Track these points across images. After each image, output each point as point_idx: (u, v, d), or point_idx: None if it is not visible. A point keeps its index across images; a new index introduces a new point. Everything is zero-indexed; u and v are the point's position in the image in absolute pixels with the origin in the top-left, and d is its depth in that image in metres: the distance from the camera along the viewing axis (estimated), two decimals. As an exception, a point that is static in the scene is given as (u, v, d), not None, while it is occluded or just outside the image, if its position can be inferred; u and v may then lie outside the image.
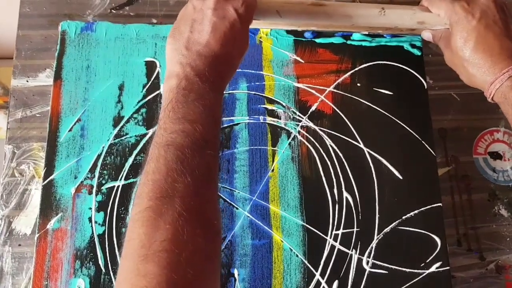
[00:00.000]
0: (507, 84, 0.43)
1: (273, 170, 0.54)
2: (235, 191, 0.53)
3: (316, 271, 0.51)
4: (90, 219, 0.50)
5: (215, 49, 0.40)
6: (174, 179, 0.33)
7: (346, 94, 0.57)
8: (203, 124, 0.37)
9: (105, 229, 0.50)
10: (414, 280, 0.51)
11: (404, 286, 0.51)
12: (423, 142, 0.55)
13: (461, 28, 0.46)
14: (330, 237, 0.52)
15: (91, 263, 0.49)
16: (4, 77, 1.17)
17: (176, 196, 0.33)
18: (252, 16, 0.44)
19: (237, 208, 0.53)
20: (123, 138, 0.53)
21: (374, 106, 0.57)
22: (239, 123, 0.56)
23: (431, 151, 0.55)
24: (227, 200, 0.53)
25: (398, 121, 0.56)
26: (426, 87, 0.57)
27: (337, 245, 0.52)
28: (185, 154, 0.35)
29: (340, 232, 0.52)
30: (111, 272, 0.49)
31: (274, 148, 0.55)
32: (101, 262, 0.49)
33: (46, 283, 0.48)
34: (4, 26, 1.01)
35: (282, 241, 0.51)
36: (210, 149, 0.37)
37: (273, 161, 0.55)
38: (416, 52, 0.59)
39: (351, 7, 0.50)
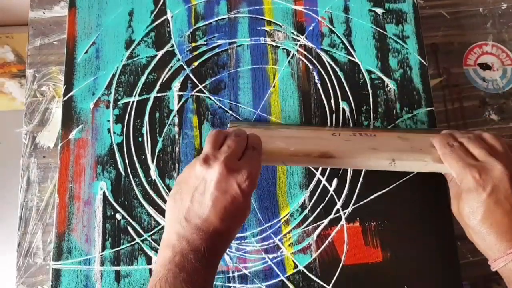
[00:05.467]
0: (511, 266, 0.40)
1: (274, 86, 0.58)
2: (240, 106, 0.57)
3: (317, 171, 0.55)
4: (108, 130, 0.55)
5: (215, 223, 0.39)
6: None
7: (342, 14, 0.61)
8: None
9: (123, 139, 0.55)
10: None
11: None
12: (414, 54, 0.59)
13: (471, 198, 0.42)
14: (329, 142, 0.56)
15: (111, 167, 0.54)
16: (18, 45, 1.21)
17: None
18: (255, 188, 0.42)
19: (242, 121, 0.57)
20: (135, 59, 0.58)
21: (369, 24, 0.60)
22: (242, 45, 0.60)
23: (422, 60, 0.59)
24: (234, 115, 0.57)
25: (392, 37, 0.60)
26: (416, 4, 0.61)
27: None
28: None
29: (338, 137, 0.56)
30: (130, 175, 0.54)
31: (275, 67, 0.59)
32: (120, 167, 0.54)
33: (70, 185, 0.53)
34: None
35: (285, 146, 0.56)
36: None
37: (274, 78, 0.59)
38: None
39: (361, 159, 0.47)
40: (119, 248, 0.51)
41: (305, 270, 0.51)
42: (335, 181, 0.55)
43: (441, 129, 0.52)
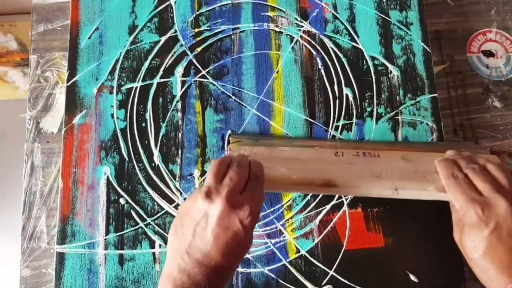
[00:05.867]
0: None
1: (277, 72, 0.58)
2: (243, 91, 0.57)
3: (320, 156, 0.55)
4: (112, 115, 0.55)
5: (216, 259, 0.39)
6: None
7: (346, 0, 0.60)
8: None
9: (126, 124, 0.55)
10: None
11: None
12: (418, 41, 0.59)
13: (473, 233, 0.42)
14: (332, 128, 0.56)
15: (115, 153, 0.54)
16: (21, 33, 1.20)
17: None
18: (257, 222, 0.42)
19: (245, 107, 0.57)
20: (138, 44, 0.58)
21: (373, 11, 0.60)
22: (245, 30, 0.59)
23: (426, 47, 0.58)
24: (237, 100, 0.57)
25: (396, 23, 0.60)
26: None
27: (338, 134, 0.56)
28: None
29: (340, 123, 0.56)
30: (134, 160, 0.54)
31: (278, 52, 0.59)
32: (124, 152, 0.54)
33: (74, 170, 0.53)
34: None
35: (287, 134, 0.56)
36: None
37: (277, 64, 0.59)
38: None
39: (365, 188, 0.48)
40: (122, 232, 0.52)
41: (307, 255, 0.52)
42: (337, 167, 0.55)
43: (447, 146, 0.52)
